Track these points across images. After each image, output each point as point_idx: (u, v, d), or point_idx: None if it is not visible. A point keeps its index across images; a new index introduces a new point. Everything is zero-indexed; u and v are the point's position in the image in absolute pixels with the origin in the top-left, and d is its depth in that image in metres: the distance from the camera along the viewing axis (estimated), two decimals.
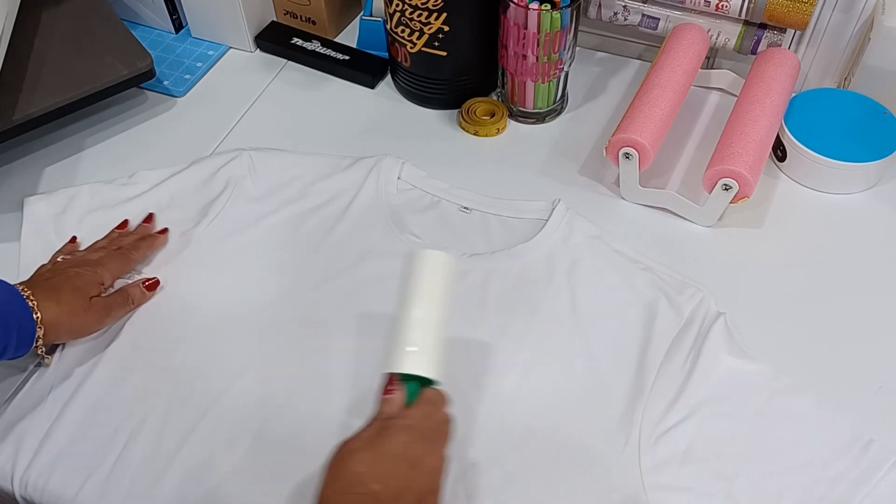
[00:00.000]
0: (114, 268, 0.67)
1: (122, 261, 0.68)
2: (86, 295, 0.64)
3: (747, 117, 0.74)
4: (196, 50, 0.95)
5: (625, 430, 0.60)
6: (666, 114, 0.75)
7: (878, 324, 0.68)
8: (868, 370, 0.65)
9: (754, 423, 0.61)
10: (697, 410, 0.61)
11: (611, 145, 0.74)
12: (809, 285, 0.71)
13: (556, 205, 0.74)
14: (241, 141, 0.84)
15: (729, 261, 0.73)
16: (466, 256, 0.71)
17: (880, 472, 0.58)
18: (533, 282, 0.69)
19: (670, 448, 0.59)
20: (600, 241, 0.72)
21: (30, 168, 0.81)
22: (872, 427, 0.61)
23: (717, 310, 0.67)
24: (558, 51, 0.78)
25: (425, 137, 0.85)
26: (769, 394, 0.62)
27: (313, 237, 0.73)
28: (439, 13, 0.78)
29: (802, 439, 0.60)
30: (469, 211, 0.75)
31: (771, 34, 0.81)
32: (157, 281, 0.69)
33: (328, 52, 0.93)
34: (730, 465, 0.59)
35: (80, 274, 0.65)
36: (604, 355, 0.64)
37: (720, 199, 0.72)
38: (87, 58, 0.82)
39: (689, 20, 0.84)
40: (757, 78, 0.78)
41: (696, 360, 0.63)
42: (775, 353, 0.65)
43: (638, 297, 0.68)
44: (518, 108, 0.85)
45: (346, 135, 0.85)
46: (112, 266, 0.67)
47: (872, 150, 0.76)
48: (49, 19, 0.84)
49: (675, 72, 0.78)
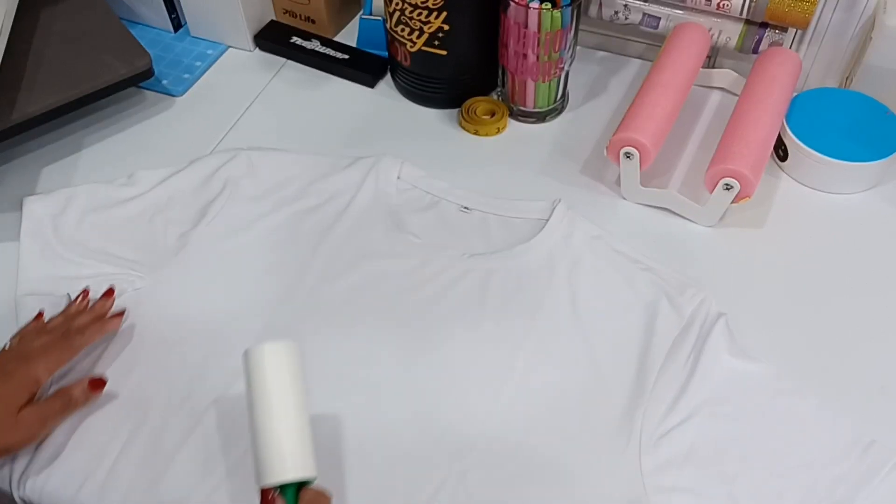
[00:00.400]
0: (53, 360, 0.60)
1: (64, 350, 0.61)
2: (12, 407, 0.56)
3: (749, 117, 0.74)
4: (195, 49, 0.94)
5: (626, 432, 0.60)
6: (667, 113, 0.75)
7: (881, 323, 0.68)
8: (870, 370, 0.65)
9: (755, 424, 0.61)
10: (698, 411, 0.61)
11: (611, 145, 0.74)
12: (811, 285, 0.71)
13: (556, 205, 0.74)
14: (240, 140, 0.83)
15: (730, 261, 0.73)
16: (466, 256, 0.71)
17: (881, 473, 0.58)
18: (533, 282, 0.69)
19: (671, 449, 0.59)
20: (601, 242, 0.72)
21: (28, 168, 0.81)
22: (874, 427, 0.60)
23: (718, 310, 0.66)
24: (559, 50, 0.78)
25: (425, 137, 0.84)
26: (771, 394, 0.62)
27: (312, 237, 0.73)
28: (439, 12, 0.78)
29: (803, 440, 0.60)
30: (469, 211, 0.75)
31: (772, 33, 0.81)
32: (103, 380, 0.62)
33: (328, 52, 0.92)
34: (731, 466, 0.59)
35: (7, 377, 0.57)
36: (604, 356, 0.64)
37: (721, 199, 0.72)
38: (86, 57, 0.81)
39: (691, 19, 0.84)
40: (758, 77, 0.78)
41: (697, 360, 0.63)
42: (776, 353, 0.65)
43: (639, 297, 0.68)
44: (518, 107, 0.85)
45: (346, 134, 0.85)
46: (52, 357, 0.60)
47: (874, 149, 0.76)
48: (47, 18, 0.83)
49: (677, 71, 0.78)
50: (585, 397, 0.62)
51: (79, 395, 0.60)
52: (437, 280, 0.69)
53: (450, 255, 0.71)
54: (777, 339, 0.66)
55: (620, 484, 0.57)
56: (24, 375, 0.58)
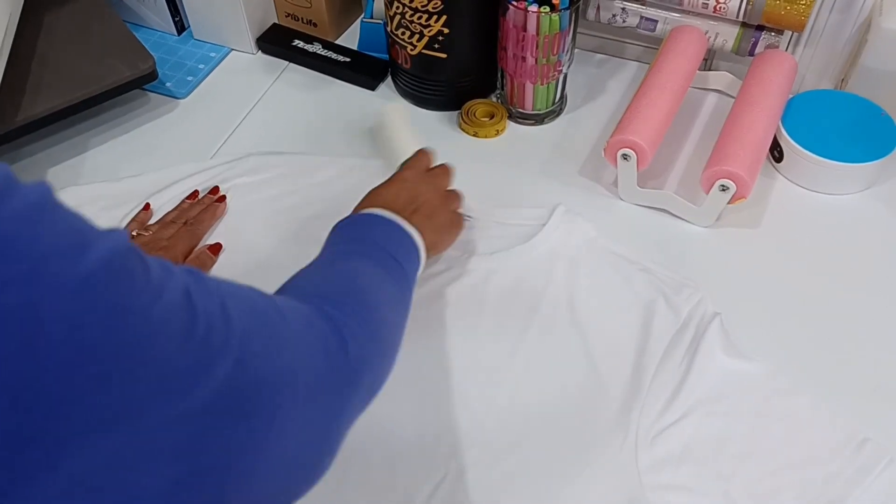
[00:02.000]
0: (183, 248, 0.70)
1: (190, 238, 0.71)
2: None
3: (745, 118, 0.75)
4: (198, 52, 0.95)
5: (622, 430, 0.60)
6: (664, 115, 0.76)
7: (875, 323, 0.68)
8: (864, 369, 0.65)
9: (751, 422, 0.61)
10: (694, 410, 0.61)
11: (609, 146, 0.75)
12: (806, 285, 0.71)
13: (555, 209, 0.74)
14: (244, 142, 0.84)
15: (726, 261, 0.73)
16: (466, 257, 0.71)
17: (875, 471, 0.58)
18: (531, 282, 0.70)
19: (668, 447, 0.60)
20: (599, 242, 0.72)
21: (33, 169, 0.82)
22: (869, 426, 0.61)
23: (714, 310, 0.67)
24: (557, 53, 0.79)
25: (425, 139, 0.85)
26: (766, 393, 0.63)
27: (312, 239, 0.73)
28: (439, 15, 0.78)
29: (799, 438, 0.61)
30: (470, 220, 0.75)
31: (768, 36, 0.82)
32: (220, 244, 0.72)
33: (329, 55, 0.93)
34: (727, 464, 0.59)
35: None
36: (601, 355, 0.65)
37: (717, 200, 0.73)
38: (90, 60, 0.82)
39: (687, 22, 0.84)
40: (754, 79, 0.79)
41: (692, 359, 0.63)
42: (772, 353, 0.65)
43: (636, 297, 0.68)
44: (517, 109, 0.86)
45: (348, 136, 0.85)
46: (182, 246, 0.70)
47: (869, 150, 0.76)
48: (52, 21, 0.84)
49: (673, 73, 0.79)
50: (582, 396, 0.63)
51: (206, 259, 0.71)
52: (436, 279, 0.70)
53: (449, 255, 0.71)
54: (772, 338, 0.67)
55: (617, 481, 0.58)
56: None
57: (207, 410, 0.33)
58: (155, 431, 0.30)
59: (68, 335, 0.28)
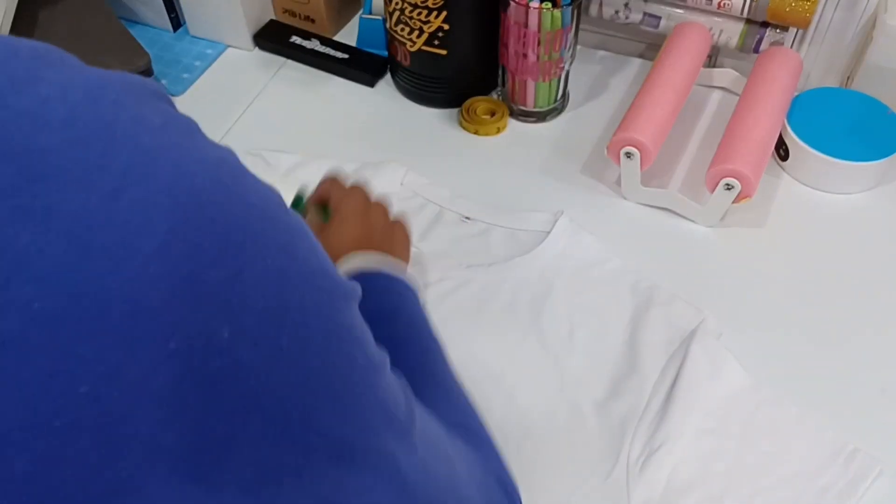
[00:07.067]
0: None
1: None
2: None
3: (749, 116, 0.74)
4: (194, 48, 0.94)
5: (613, 455, 0.58)
6: (668, 113, 0.75)
7: (882, 323, 0.68)
8: (872, 371, 0.64)
9: (738, 438, 0.60)
10: (683, 429, 0.59)
11: (612, 144, 0.74)
12: (812, 285, 0.70)
13: (558, 217, 0.73)
14: (240, 140, 0.83)
15: (731, 261, 0.72)
16: (464, 267, 0.70)
17: (866, 482, 0.57)
18: (530, 295, 0.68)
19: (658, 473, 0.58)
20: (601, 256, 0.71)
21: None
22: (874, 429, 0.60)
23: (717, 330, 0.65)
24: (559, 49, 0.78)
25: (425, 136, 0.84)
26: (752, 407, 0.61)
27: None
28: (439, 11, 0.77)
29: (787, 452, 0.59)
30: (470, 221, 0.74)
31: (773, 33, 0.81)
32: None
33: (327, 51, 0.92)
34: (716, 483, 0.57)
35: None
36: (596, 375, 0.63)
37: (722, 199, 0.72)
38: (85, 56, 0.79)
39: (691, 18, 0.83)
40: (759, 77, 0.78)
41: (686, 380, 0.61)
42: (777, 354, 0.65)
43: (635, 316, 0.66)
44: (519, 106, 0.85)
45: (346, 134, 0.85)
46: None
47: (875, 149, 0.75)
48: (46, 18, 0.83)
49: (677, 70, 0.78)
50: (573, 417, 0.61)
51: None
52: (434, 289, 0.69)
53: (448, 265, 0.70)
54: (778, 339, 0.66)
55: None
56: None
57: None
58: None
59: None
